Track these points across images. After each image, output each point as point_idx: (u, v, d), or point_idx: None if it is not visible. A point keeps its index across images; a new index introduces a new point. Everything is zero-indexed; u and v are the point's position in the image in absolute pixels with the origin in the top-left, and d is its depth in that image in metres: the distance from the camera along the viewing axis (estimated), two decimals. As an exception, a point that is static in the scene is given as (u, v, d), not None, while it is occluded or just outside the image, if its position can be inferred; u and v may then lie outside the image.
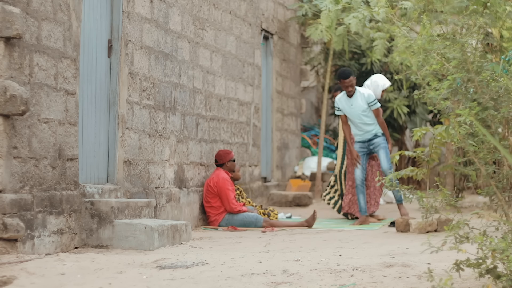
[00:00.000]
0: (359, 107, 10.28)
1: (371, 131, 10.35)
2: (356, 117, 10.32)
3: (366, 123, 10.31)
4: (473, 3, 8.99)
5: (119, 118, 8.07)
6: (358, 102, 10.30)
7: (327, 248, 7.19)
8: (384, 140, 10.34)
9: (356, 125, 10.38)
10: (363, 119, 10.29)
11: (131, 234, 7.10)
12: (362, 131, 10.38)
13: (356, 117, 10.31)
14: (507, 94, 5.13)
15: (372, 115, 10.33)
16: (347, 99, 10.38)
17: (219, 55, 11.06)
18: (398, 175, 8.59)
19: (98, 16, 7.87)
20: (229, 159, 10.32)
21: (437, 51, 5.62)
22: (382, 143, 10.31)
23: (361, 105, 10.27)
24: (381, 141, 10.33)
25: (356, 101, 10.31)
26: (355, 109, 10.28)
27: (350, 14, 11.40)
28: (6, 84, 5.97)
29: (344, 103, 10.41)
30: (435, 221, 8.58)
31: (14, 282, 4.94)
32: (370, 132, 10.36)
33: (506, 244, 4.21)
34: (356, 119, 10.34)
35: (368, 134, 10.38)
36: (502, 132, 5.33)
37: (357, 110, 10.27)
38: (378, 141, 10.34)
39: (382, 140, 10.34)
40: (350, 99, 10.36)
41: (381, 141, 10.33)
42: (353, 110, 10.30)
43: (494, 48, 10.69)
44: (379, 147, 10.31)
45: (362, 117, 10.28)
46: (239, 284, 4.94)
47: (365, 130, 10.36)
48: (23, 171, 6.21)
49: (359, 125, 10.35)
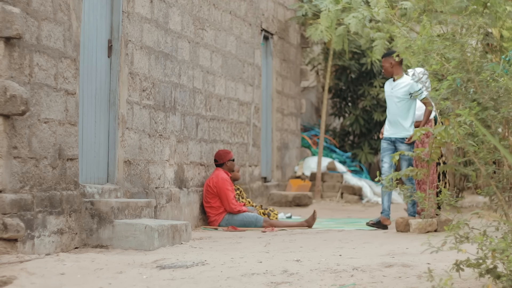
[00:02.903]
0: (398, 93, 9.47)
1: (400, 131, 9.48)
2: (392, 106, 9.54)
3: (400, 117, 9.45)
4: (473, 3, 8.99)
5: (119, 118, 8.07)
6: (400, 87, 9.50)
7: (327, 248, 7.19)
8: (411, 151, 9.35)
9: (391, 116, 9.54)
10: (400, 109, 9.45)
11: (131, 234, 7.10)
12: (392, 126, 9.51)
13: (392, 105, 9.54)
14: (507, 94, 5.13)
15: (408, 113, 9.45)
16: (391, 82, 9.64)
17: (219, 55, 11.06)
18: (398, 175, 8.61)
19: (98, 16, 7.87)
20: (228, 158, 10.32)
21: (437, 51, 5.62)
22: (406, 156, 9.34)
23: (402, 92, 9.45)
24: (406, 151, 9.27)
25: (398, 86, 9.52)
26: (394, 95, 9.50)
27: (350, 14, 11.40)
28: (6, 84, 5.97)
29: (388, 85, 9.71)
30: (435, 221, 8.58)
31: (14, 282, 4.94)
32: (399, 132, 9.49)
33: (506, 244, 4.21)
34: (391, 108, 9.55)
35: (397, 133, 9.50)
36: (502, 132, 5.33)
37: (394, 98, 9.48)
38: (405, 150, 9.34)
39: (409, 150, 9.36)
40: (393, 83, 9.59)
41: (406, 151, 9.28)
42: (392, 95, 9.53)
43: (494, 48, 10.69)
44: (403, 157, 9.38)
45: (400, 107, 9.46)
46: (239, 284, 4.94)
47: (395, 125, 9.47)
48: (23, 171, 6.21)
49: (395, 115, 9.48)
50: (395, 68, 9.54)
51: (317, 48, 17.44)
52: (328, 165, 15.27)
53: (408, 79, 9.43)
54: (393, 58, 9.38)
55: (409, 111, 9.50)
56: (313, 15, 14.38)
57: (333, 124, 17.90)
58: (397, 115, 9.48)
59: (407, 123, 9.48)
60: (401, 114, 9.48)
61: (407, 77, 9.47)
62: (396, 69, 9.54)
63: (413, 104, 9.53)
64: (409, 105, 9.48)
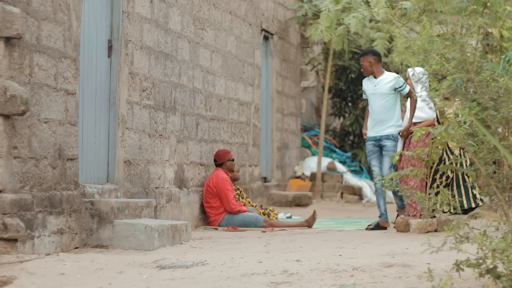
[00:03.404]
0: (383, 89, 9.34)
1: (385, 129, 9.39)
2: (376, 103, 9.38)
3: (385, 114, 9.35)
4: (473, 3, 9.00)
5: (119, 118, 8.07)
6: (384, 83, 9.36)
7: (327, 248, 7.19)
8: (394, 147, 9.35)
9: (375, 114, 9.42)
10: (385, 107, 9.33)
11: (131, 234, 7.10)
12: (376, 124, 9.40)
13: (376, 102, 9.39)
14: (507, 94, 5.14)
15: (393, 109, 9.35)
16: (372, 79, 9.48)
17: (219, 55, 11.07)
18: (398, 175, 8.61)
19: (98, 16, 7.87)
20: (227, 158, 10.32)
21: (436, 52, 5.62)
22: (390, 151, 9.30)
23: (387, 87, 9.34)
24: (390, 147, 9.32)
25: (382, 83, 9.38)
26: (378, 92, 9.36)
27: (350, 14, 11.41)
28: (6, 84, 5.97)
29: (369, 83, 9.51)
30: (435, 221, 8.58)
31: (14, 282, 4.94)
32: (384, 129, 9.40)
33: (506, 244, 4.21)
34: (375, 106, 9.40)
35: (381, 130, 9.40)
36: (502, 132, 5.33)
37: (380, 96, 9.34)
38: (388, 146, 9.34)
39: (392, 147, 9.34)
40: (375, 80, 9.45)
41: (391, 147, 9.32)
42: (376, 93, 9.39)
43: (494, 48, 10.69)
44: (387, 153, 9.32)
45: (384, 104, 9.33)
46: (239, 284, 4.94)
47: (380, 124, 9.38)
48: (23, 171, 6.21)
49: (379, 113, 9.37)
50: (375, 66, 9.40)
51: (317, 48, 17.44)
52: (328, 165, 15.28)
53: (391, 75, 9.40)
54: (371, 57, 9.36)
55: (394, 107, 9.40)
56: (313, 15, 14.38)
57: (333, 124, 17.90)
58: (382, 113, 9.36)
59: (392, 119, 9.37)
60: (386, 111, 9.36)
61: (389, 73, 9.43)
62: (376, 67, 9.40)
63: (397, 101, 9.44)
64: (394, 101, 9.40)
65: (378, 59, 9.43)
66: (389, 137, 9.36)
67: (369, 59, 9.39)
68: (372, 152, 9.44)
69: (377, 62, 9.43)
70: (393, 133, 9.37)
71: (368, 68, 9.43)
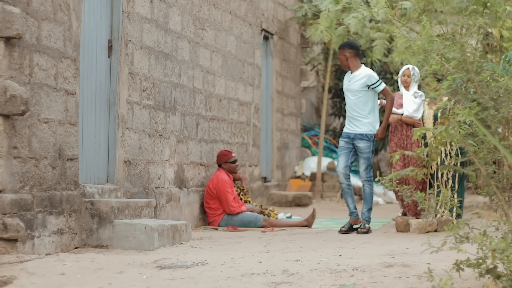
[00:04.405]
0: (355, 86, 9.02)
1: (358, 127, 9.01)
2: (349, 99, 9.06)
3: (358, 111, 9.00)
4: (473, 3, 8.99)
5: (119, 118, 8.07)
6: (356, 79, 9.04)
7: (327, 248, 7.19)
8: (369, 148, 9.00)
9: (348, 111, 9.09)
10: (356, 104, 9.00)
11: (131, 234, 7.10)
12: (350, 121, 9.05)
13: (349, 98, 9.07)
14: (507, 94, 5.14)
15: (366, 106, 8.99)
16: (349, 74, 9.17)
17: (219, 55, 11.07)
18: (398, 175, 8.61)
19: (98, 16, 7.87)
20: (225, 160, 10.26)
21: (437, 51, 5.63)
22: (366, 153, 8.98)
23: (359, 84, 9.00)
24: (365, 149, 8.98)
25: (355, 79, 9.06)
26: (351, 87, 9.05)
27: (350, 14, 11.41)
28: (6, 84, 5.97)
29: (345, 79, 9.23)
30: (435, 221, 8.58)
31: (14, 282, 4.94)
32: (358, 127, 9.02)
33: (506, 244, 4.21)
34: (348, 102, 9.08)
35: (355, 128, 9.03)
36: (502, 132, 5.33)
37: (353, 92, 9.02)
38: (363, 148, 8.99)
39: (367, 148, 8.99)
40: (351, 75, 9.12)
41: (366, 149, 8.98)
42: (349, 89, 9.08)
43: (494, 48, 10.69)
44: (362, 156, 9.01)
45: (356, 101, 9.01)
46: (239, 284, 4.95)
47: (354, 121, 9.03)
48: (23, 171, 6.21)
49: (351, 110, 9.03)
50: (351, 61, 9.07)
51: (317, 48, 17.45)
52: (328, 165, 15.27)
53: (365, 71, 9.05)
54: (348, 50, 9.05)
55: (367, 104, 9.01)
56: (313, 15, 14.39)
57: (333, 124, 17.90)
58: (354, 110, 9.01)
59: (366, 117, 8.99)
60: (358, 108, 8.99)
61: (364, 69, 9.08)
62: (352, 61, 9.07)
63: (372, 97, 9.05)
64: (367, 98, 9.01)
65: (354, 52, 9.09)
66: (363, 137, 8.99)
67: (345, 52, 9.08)
68: (343, 148, 9.08)
69: (353, 56, 9.09)
70: (367, 133, 8.99)
71: (343, 61, 9.13)
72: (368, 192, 9.07)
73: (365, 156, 9.00)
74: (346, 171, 9.02)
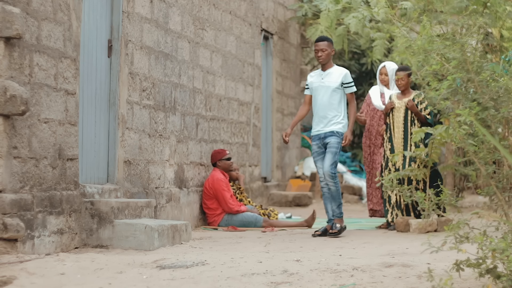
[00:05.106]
0: (330, 83, 8.66)
1: (329, 125, 8.66)
2: (322, 97, 8.68)
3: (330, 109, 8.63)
4: (473, 3, 9.00)
5: (119, 118, 8.07)
6: (332, 76, 8.70)
7: (327, 248, 7.19)
8: (338, 144, 8.62)
9: (319, 110, 8.71)
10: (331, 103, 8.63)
11: (131, 234, 7.10)
12: (320, 121, 8.69)
13: (322, 96, 8.68)
14: (507, 94, 5.14)
15: (339, 104, 8.66)
16: (320, 72, 8.79)
17: (219, 55, 11.07)
18: (398, 175, 8.61)
19: (98, 16, 7.87)
20: (219, 158, 10.26)
21: (437, 51, 5.63)
22: (334, 147, 8.58)
23: (334, 81, 8.65)
24: (334, 144, 8.58)
25: (330, 76, 8.72)
26: (325, 85, 8.67)
27: (350, 14, 11.42)
28: (6, 84, 5.97)
29: (315, 77, 8.81)
30: (435, 221, 8.58)
31: (14, 282, 4.94)
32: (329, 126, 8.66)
33: (506, 244, 4.21)
34: (320, 100, 8.69)
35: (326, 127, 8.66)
36: (502, 132, 5.34)
37: (327, 89, 8.65)
38: (332, 142, 8.60)
39: (336, 143, 8.60)
40: (324, 73, 8.76)
41: (335, 144, 8.59)
42: (323, 86, 8.69)
43: (494, 48, 10.70)
44: (329, 150, 8.58)
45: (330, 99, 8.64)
46: (239, 284, 4.95)
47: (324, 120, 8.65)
48: (23, 171, 6.21)
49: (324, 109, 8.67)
50: (330, 57, 8.73)
51: (317, 48, 17.43)
52: (328, 165, 15.25)
53: (341, 69, 8.74)
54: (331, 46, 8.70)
55: (341, 103, 8.68)
56: (313, 15, 14.39)
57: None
58: (327, 108, 8.63)
59: (340, 117, 8.66)
60: (332, 106, 8.64)
61: (339, 67, 8.75)
62: (330, 57, 8.75)
63: (344, 97, 8.70)
64: (340, 96, 8.67)
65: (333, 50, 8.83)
66: (334, 133, 8.62)
67: (329, 47, 8.72)
68: (317, 154, 8.70)
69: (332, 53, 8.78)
70: (338, 130, 8.62)
71: (324, 55, 8.72)
72: (334, 189, 8.60)
73: (333, 151, 8.57)
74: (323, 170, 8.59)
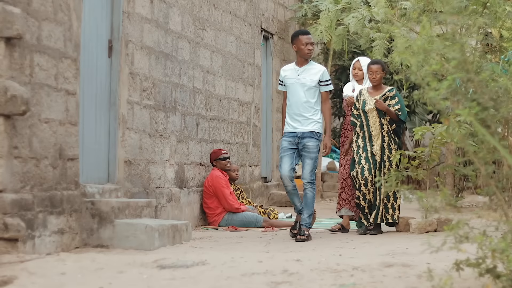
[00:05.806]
0: (307, 80, 8.35)
1: (307, 124, 8.35)
2: (298, 95, 8.37)
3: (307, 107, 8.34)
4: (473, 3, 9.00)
5: (120, 118, 8.08)
6: (309, 74, 8.38)
7: (327, 248, 7.20)
8: (317, 148, 8.34)
9: (294, 108, 8.40)
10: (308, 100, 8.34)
11: (132, 234, 7.11)
12: (296, 119, 8.39)
13: (297, 93, 8.38)
14: (506, 94, 5.15)
15: (316, 103, 8.38)
16: (295, 68, 8.44)
17: (219, 55, 11.07)
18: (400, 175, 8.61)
19: (99, 16, 7.88)
20: (216, 157, 10.30)
21: (436, 52, 5.63)
22: (313, 153, 8.30)
23: (312, 79, 8.33)
24: (313, 148, 8.29)
25: (307, 72, 8.39)
26: (302, 82, 8.37)
27: (350, 14, 11.42)
28: (6, 84, 5.97)
29: (290, 72, 8.45)
30: (435, 221, 8.59)
31: (14, 282, 4.95)
32: (307, 125, 8.35)
33: (506, 244, 4.22)
34: (296, 97, 8.38)
35: (303, 126, 8.35)
36: (502, 132, 5.34)
37: (303, 86, 8.35)
38: (311, 147, 8.29)
39: (315, 147, 8.31)
40: (299, 68, 8.42)
41: (314, 149, 8.30)
42: (299, 83, 8.38)
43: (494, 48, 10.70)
44: (309, 155, 8.30)
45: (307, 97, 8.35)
46: (240, 284, 4.95)
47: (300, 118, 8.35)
48: (24, 171, 6.22)
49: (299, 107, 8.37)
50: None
51: (316, 48, 17.44)
52: (328, 165, 15.27)
53: (319, 66, 8.46)
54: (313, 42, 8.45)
55: (317, 101, 8.40)
56: (313, 15, 14.40)
57: (333, 124, 17.90)
58: (304, 106, 8.33)
59: (316, 115, 8.37)
60: (309, 104, 8.35)
61: (316, 64, 8.50)
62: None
63: (319, 95, 8.41)
64: (316, 94, 8.38)
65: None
66: (313, 135, 8.32)
67: (312, 42, 8.47)
68: (286, 150, 8.36)
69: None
70: (317, 131, 8.34)
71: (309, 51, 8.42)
72: (310, 196, 8.34)
73: (312, 156, 8.28)
74: (291, 173, 8.31)
